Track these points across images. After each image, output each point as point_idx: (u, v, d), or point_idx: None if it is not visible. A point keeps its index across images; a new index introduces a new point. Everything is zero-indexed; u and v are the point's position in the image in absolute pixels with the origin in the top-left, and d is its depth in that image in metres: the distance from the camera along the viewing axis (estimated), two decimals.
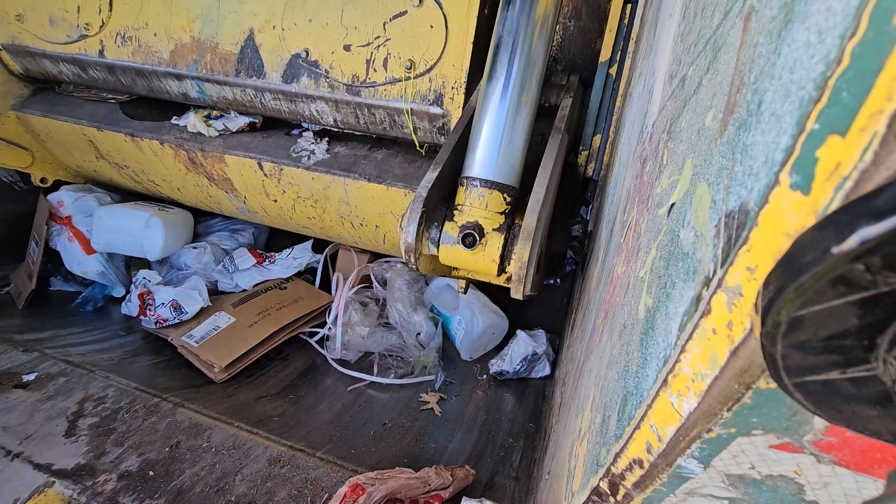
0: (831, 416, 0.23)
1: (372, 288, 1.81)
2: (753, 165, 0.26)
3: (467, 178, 1.03)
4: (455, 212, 1.03)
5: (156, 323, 1.55)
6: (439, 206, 1.04)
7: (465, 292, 1.28)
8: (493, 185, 1.01)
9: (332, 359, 1.60)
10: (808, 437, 0.27)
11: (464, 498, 0.95)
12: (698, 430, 0.29)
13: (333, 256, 1.93)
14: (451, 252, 1.02)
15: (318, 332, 1.70)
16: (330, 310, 1.72)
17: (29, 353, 1.35)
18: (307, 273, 1.91)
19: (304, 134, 1.46)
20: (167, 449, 1.11)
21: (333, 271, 1.88)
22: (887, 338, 0.19)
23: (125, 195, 1.98)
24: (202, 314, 1.57)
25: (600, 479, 0.42)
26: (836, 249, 0.18)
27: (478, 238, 0.99)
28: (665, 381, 0.32)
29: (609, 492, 0.41)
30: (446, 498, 1.03)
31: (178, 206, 1.89)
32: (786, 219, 0.22)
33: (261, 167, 1.44)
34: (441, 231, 1.02)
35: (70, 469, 1.03)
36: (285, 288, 1.77)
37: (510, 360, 1.56)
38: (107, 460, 1.07)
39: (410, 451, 1.25)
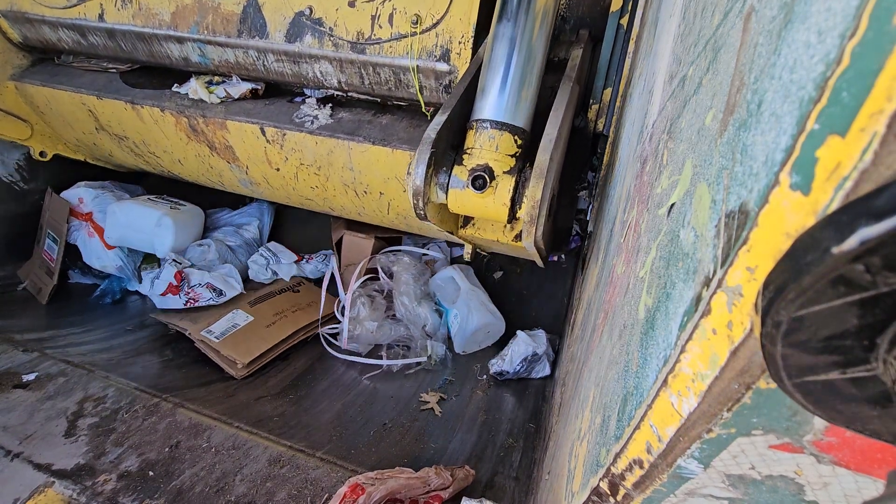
0: (831, 417, 0.23)
1: (378, 280, 1.82)
2: (753, 165, 0.26)
3: (477, 120, 1.00)
4: (464, 156, 1.00)
5: (186, 302, 1.58)
6: (448, 152, 1.01)
7: (471, 260, 1.25)
8: (504, 127, 0.98)
9: (342, 349, 1.63)
10: (808, 437, 0.27)
11: (464, 498, 0.95)
12: (698, 430, 0.29)
13: (339, 245, 1.93)
14: (460, 197, 0.99)
15: (327, 328, 1.74)
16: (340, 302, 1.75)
17: (29, 353, 1.35)
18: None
19: (307, 101, 1.44)
20: (167, 449, 1.11)
21: (339, 261, 1.89)
22: (887, 338, 0.19)
23: (131, 183, 1.99)
24: (218, 310, 1.62)
25: (600, 479, 0.42)
26: (836, 249, 0.18)
27: (488, 180, 0.96)
28: (665, 381, 0.32)
29: (609, 492, 0.41)
30: (446, 498, 1.03)
31: (180, 183, 1.86)
32: (786, 219, 0.22)
33: (263, 133, 1.41)
34: (450, 175, 0.99)
35: (70, 469, 1.03)
36: (298, 291, 1.82)
37: (510, 361, 1.56)
38: (107, 460, 1.07)
39: (410, 451, 1.25)
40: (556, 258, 1.80)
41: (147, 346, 1.55)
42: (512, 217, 1.00)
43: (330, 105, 1.41)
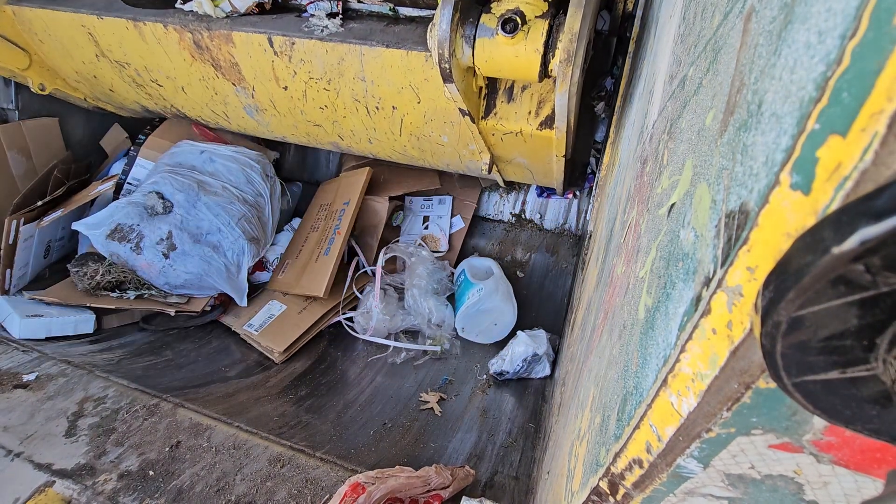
0: (831, 416, 0.23)
1: (394, 273, 1.86)
2: (753, 166, 0.26)
3: None
4: (493, 4, 0.94)
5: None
6: (474, 5, 0.96)
7: (488, 171, 1.18)
8: None
9: (362, 335, 1.72)
10: (807, 436, 0.27)
11: (464, 498, 0.95)
12: (698, 429, 0.29)
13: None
14: (488, 48, 0.93)
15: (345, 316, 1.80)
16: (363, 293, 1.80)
17: (29, 353, 1.35)
18: None
19: (315, 13, 1.38)
20: (167, 449, 1.11)
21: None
22: (887, 338, 0.19)
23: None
24: (256, 303, 1.72)
25: (600, 478, 0.42)
26: (836, 249, 0.18)
27: (519, 23, 0.89)
28: (665, 380, 0.32)
29: (609, 491, 0.41)
30: (446, 497, 1.03)
31: (183, 119, 1.81)
32: (786, 219, 0.22)
33: (271, 44, 1.35)
34: (477, 25, 0.93)
35: (70, 469, 1.03)
36: None
37: (510, 361, 1.56)
38: (107, 460, 1.07)
39: (410, 451, 1.25)
40: (569, 195, 1.79)
41: (147, 347, 1.55)
42: (544, 72, 0.93)
43: (340, 17, 1.36)
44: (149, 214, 1.55)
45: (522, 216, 2.02)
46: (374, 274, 1.79)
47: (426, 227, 2.01)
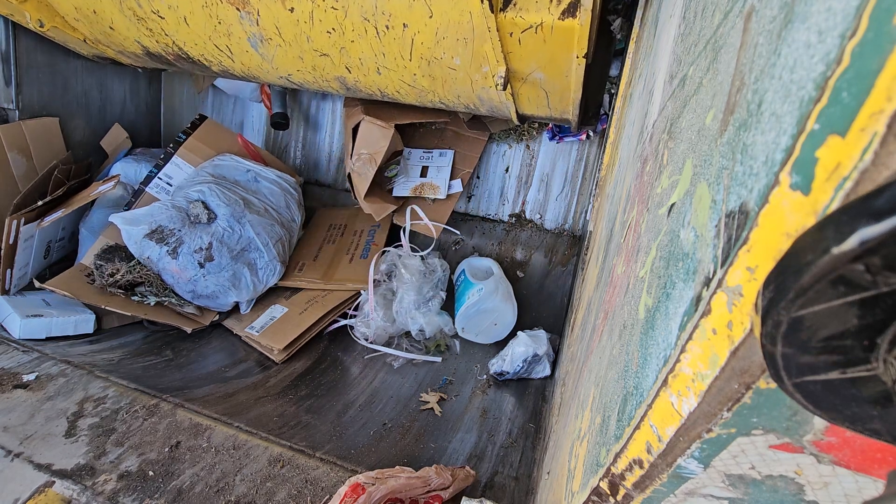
0: (831, 417, 0.23)
1: (388, 280, 1.86)
2: (753, 165, 0.26)
3: None
4: None
5: None
6: None
7: (503, 87, 1.13)
8: None
9: (364, 340, 1.74)
10: (808, 437, 0.27)
11: (464, 498, 0.95)
12: (698, 430, 0.29)
13: (354, 133, 1.81)
14: None
15: (341, 322, 1.82)
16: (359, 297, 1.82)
17: (29, 354, 1.35)
18: None
19: None
20: (167, 449, 1.11)
21: (352, 148, 1.77)
22: (887, 338, 0.19)
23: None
24: (259, 307, 1.74)
25: (600, 479, 0.42)
26: (836, 249, 0.18)
27: None
28: (665, 381, 0.32)
29: (609, 492, 0.41)
30: (446, 498, 1.03)
31: (185, 62, 1.72)
32: (786, 219, 0.22)
33: None
34: None
35: (70, 469, 1.03)
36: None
37: (510, 361, 1.56)
38: (107, 460, 1.07)
39: (410, 451, 1.25)
40: (583, 136, 1.76)
41: (147, 347, 1.55)
42: None
43: None
44: (191, 222, 1.57)
45: (522, 216, 2.02)
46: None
47: (424, 176, 1.94)
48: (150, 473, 1.05)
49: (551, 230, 1.98)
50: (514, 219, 2.03)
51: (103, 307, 1.49)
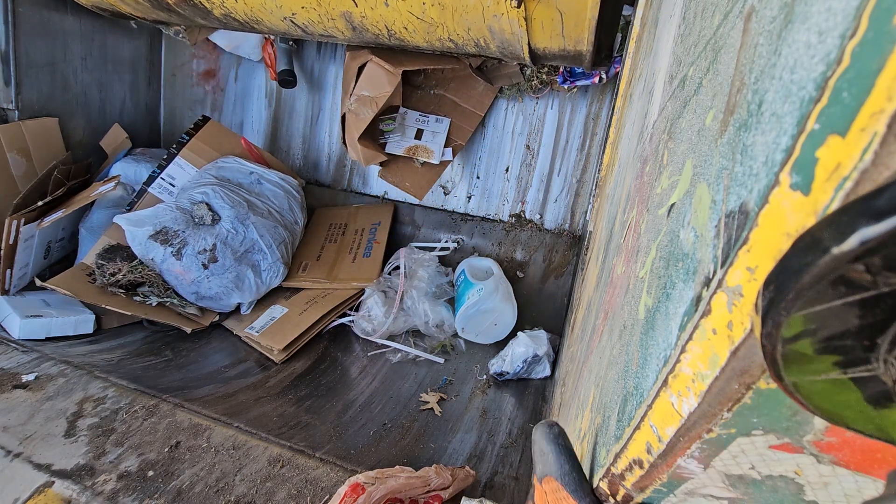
0: (832, 417, 0.23)
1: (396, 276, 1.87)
2: (753, 166, 0.26)
3: None
4: None
5: None
6: None
7: (518, 4, 1.09)
8: None
9: (364, 336, 1.75)
10: (808, 437, 0.27)
11: (464, 498, 0.95)
12: (698, 430, 0.29)
13: (358, 73, 1.74)
14: None
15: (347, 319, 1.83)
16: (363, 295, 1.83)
17: (28, 354, 1.35)
18: None
19: None
20: (167, 449, 1.11)
21: (353, 88, 1.70)
22: (887, 338, 0.19)
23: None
24: (259, 308, 1.75)
25: (600, 479, 0.42)
26: (836, 250, 0.18)
27: None
28: (665, 381, 0.32)
29: (609, 492, 0.41)
30: (446, 498, 1.03)
31: (187, 6, 1.53)
32: (786, 219, 0.22)
33: None
34: None
35: (70, 469, 1.03)
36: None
37: (510, 361, 1.56)
38: (106, 460, 1.07)
39: (410, 451, 1.25)
40: (595, 80, 1.75)
41: (147, 347, 1.55)
42: None
43: None
44: (195, 223, 1.57)
45: (522, 216, 2.02)
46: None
47: (419, 139, 1.90)
48: (150, 473, 1.05)
49: (551, 230, 1.98)
50: (514, 218, 2.03)
51: (104, 307, 1.49)
